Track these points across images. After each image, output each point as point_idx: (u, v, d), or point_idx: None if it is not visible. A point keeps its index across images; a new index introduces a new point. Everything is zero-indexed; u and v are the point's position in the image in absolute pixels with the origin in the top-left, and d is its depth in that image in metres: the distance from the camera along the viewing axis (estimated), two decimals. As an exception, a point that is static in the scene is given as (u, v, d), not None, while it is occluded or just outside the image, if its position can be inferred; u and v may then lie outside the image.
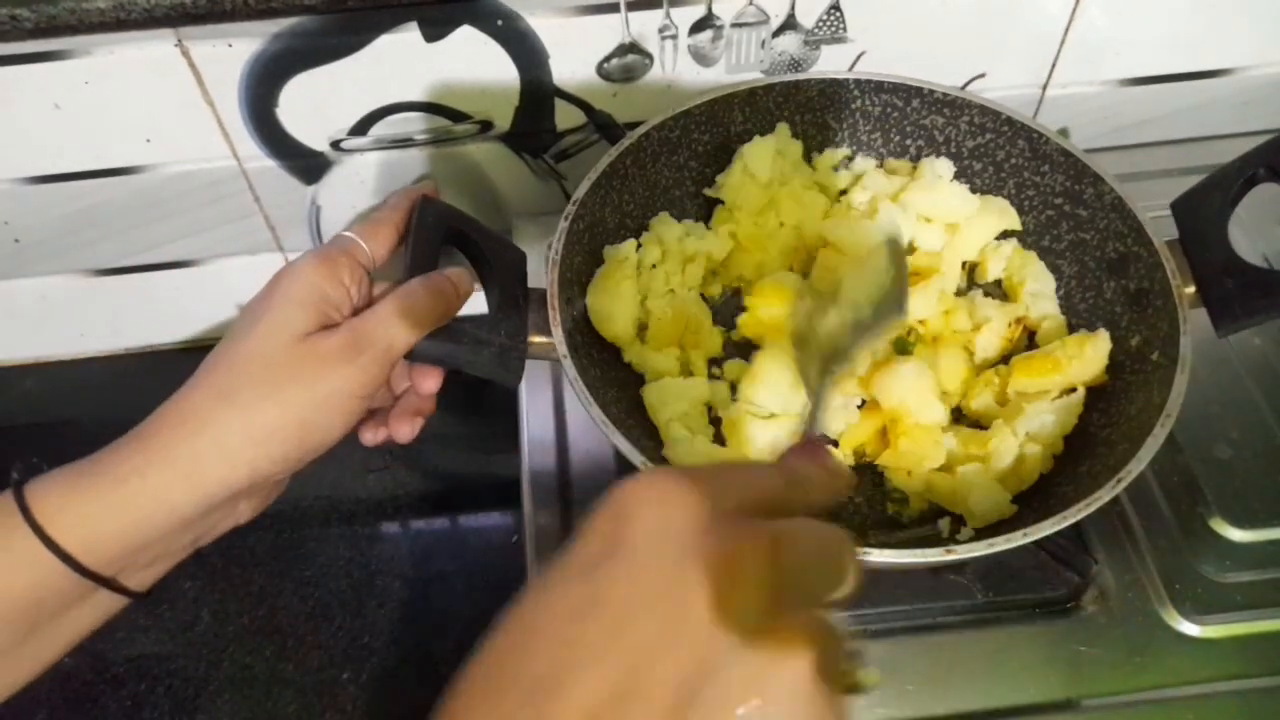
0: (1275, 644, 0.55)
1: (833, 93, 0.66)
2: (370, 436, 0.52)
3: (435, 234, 0.52)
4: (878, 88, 0.66)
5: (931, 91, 0.65)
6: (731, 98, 0.64)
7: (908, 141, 0.68)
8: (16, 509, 0.40)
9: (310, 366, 0.44)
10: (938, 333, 0.62)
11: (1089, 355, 0.57)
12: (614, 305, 0.59)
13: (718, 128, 0.66)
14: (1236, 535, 0.59)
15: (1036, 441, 0.56)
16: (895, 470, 0.58)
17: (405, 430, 0.52)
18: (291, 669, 0.65)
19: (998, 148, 0.65)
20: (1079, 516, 0.46)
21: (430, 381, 0.52)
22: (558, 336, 0.53)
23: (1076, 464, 0.55)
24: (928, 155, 0.68)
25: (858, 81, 0.66)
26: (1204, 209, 0.55)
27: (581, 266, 0.60)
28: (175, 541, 0.45)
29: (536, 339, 0.54)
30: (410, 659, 0.65)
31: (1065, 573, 0.58)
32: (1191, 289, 0.54)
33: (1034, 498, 0.56)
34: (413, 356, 0.49)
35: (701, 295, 0.65)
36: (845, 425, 0.59)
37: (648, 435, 0.57)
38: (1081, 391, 0.58)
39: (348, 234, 0.50)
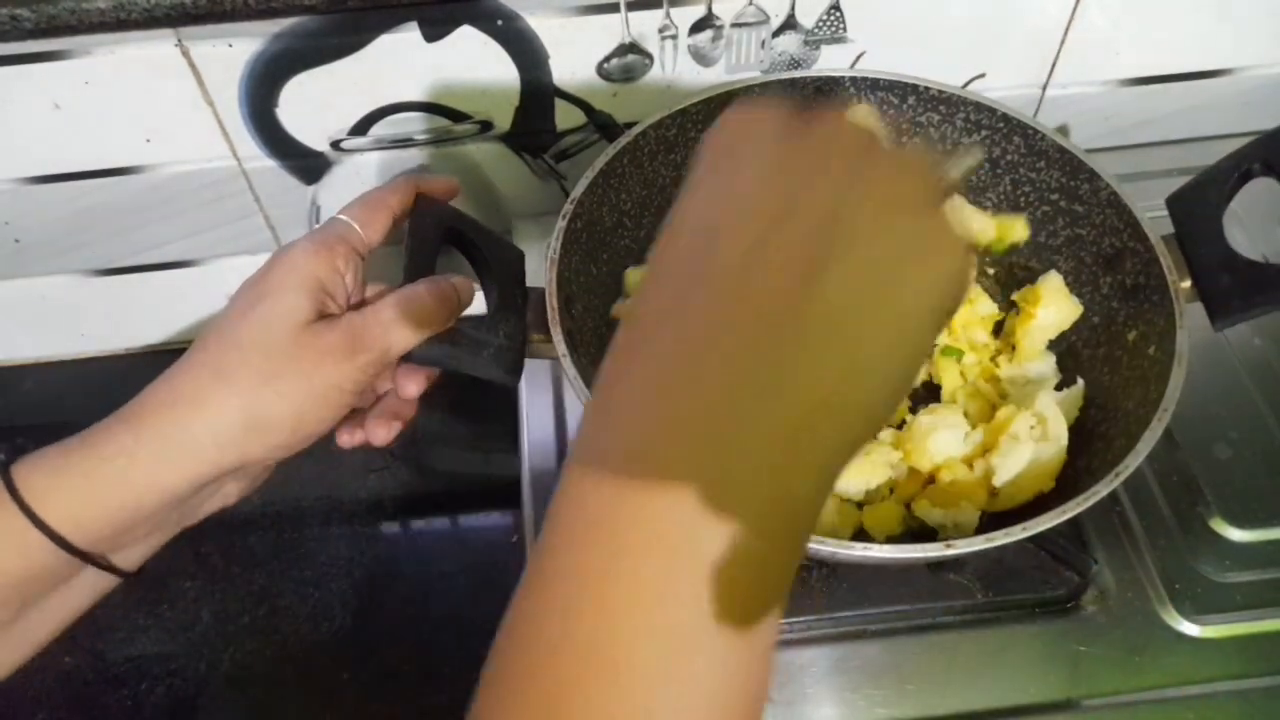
0: (1275, 644, 0.55)
1: (828, 91, 0.66)
2: (347, 439, 0.51)
3: (433, 234, 0.52)
4: (873, 85, 0.66)
5: (926, 89, 0.65)
6: (728, 96, 0.64)
7: (904, 139, 0.68)
8: (3, 488, 0.40)
9: (310, 358, 0.44)
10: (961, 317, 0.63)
11: (1045, 296, 0.60)
12: None
13: (715, 127, 0.66)
14: (1236, 535, 0.59)
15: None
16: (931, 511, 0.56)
17: (382, 433, 0.51)
18: (291, 669, 0.65)
19: (993, 144, 0.65)
20: (1078, 510, 0.46)
21: (414, 385, 0.50)
22: (557, 336, 0.53)
23: (1074, 459, 0.55)
24: (925, 155, 0.68)
25: (853, 79, 0.66)
26: (1199, 204, 0.55)
27: (580, 266, 0.60)
28: (163, 521, 0.45)
29: (535, 338, 0.54)
30: (410, 659, 0.65)
31: (1065, 572, 0.58)
32: (1187, 283, 0.54)
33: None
34: (410, 357, 0.48)
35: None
36: (887, 478, 0.57)
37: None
38: (1081, 385, 0.58)
39: (343, 218, 0.49)
